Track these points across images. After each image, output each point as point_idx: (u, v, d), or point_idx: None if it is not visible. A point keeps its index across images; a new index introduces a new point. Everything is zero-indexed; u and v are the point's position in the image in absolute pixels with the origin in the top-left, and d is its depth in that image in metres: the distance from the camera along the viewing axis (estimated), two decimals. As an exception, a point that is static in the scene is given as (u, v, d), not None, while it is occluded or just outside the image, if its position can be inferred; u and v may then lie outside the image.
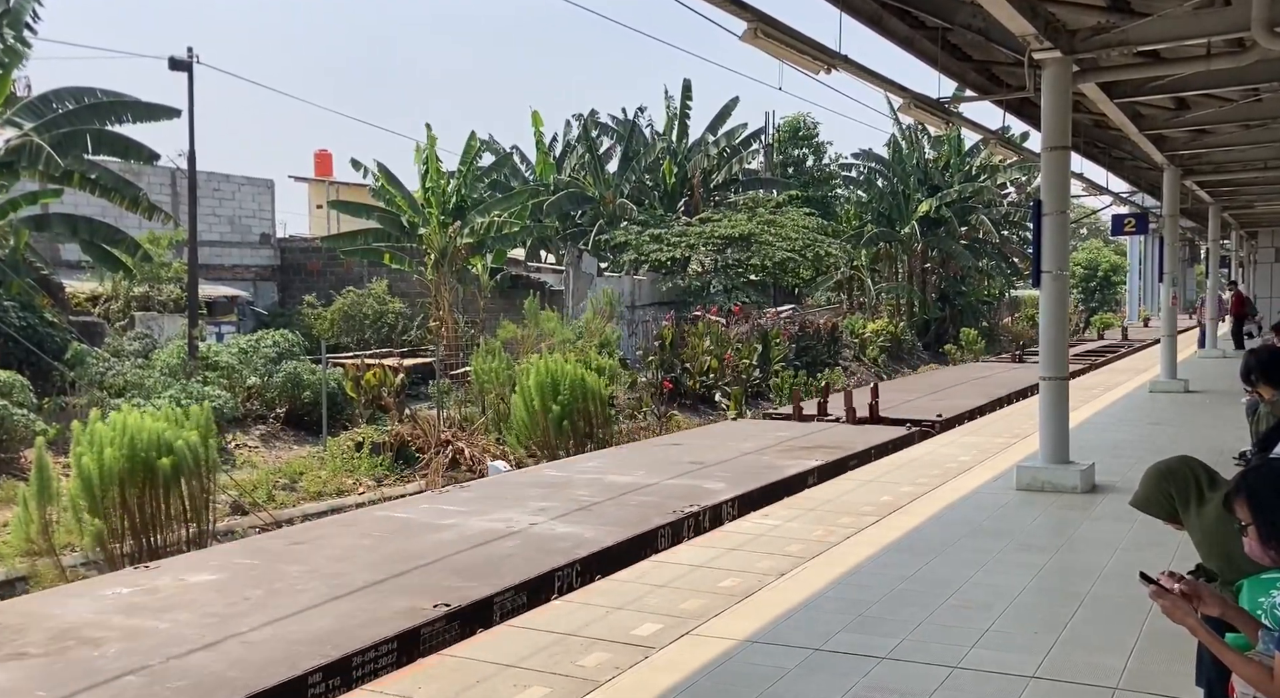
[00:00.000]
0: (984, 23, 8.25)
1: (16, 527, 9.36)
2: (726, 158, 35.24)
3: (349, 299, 25.11)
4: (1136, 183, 20.19)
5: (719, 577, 5.73)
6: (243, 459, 15.80)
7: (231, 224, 28.18)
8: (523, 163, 35.28)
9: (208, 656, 4.89)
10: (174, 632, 5.25)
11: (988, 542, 6.46)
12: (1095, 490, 8.01)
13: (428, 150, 24.13)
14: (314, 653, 4.87)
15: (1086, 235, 59.60)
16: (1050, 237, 8.14)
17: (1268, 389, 5.83)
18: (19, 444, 13.95)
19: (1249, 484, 3.09)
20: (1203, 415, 12.52)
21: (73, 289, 21.21)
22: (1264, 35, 7.27)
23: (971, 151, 36.43)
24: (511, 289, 26.36)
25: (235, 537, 11.25)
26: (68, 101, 18.11)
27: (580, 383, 14.26)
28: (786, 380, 22.43)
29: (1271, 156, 15.30)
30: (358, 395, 17.82)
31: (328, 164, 41.87)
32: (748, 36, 7.01)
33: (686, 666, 4.39)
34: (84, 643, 5.12)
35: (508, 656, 4.54)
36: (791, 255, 29.68)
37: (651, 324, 24.84)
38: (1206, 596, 2.99)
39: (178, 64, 19.97)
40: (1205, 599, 2.97)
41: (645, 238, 29.51)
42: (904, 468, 9.22)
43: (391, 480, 15.32)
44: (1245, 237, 31.45)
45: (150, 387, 16.15)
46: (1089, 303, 50.55)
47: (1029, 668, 4.29)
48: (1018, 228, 37.98)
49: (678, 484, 9.00)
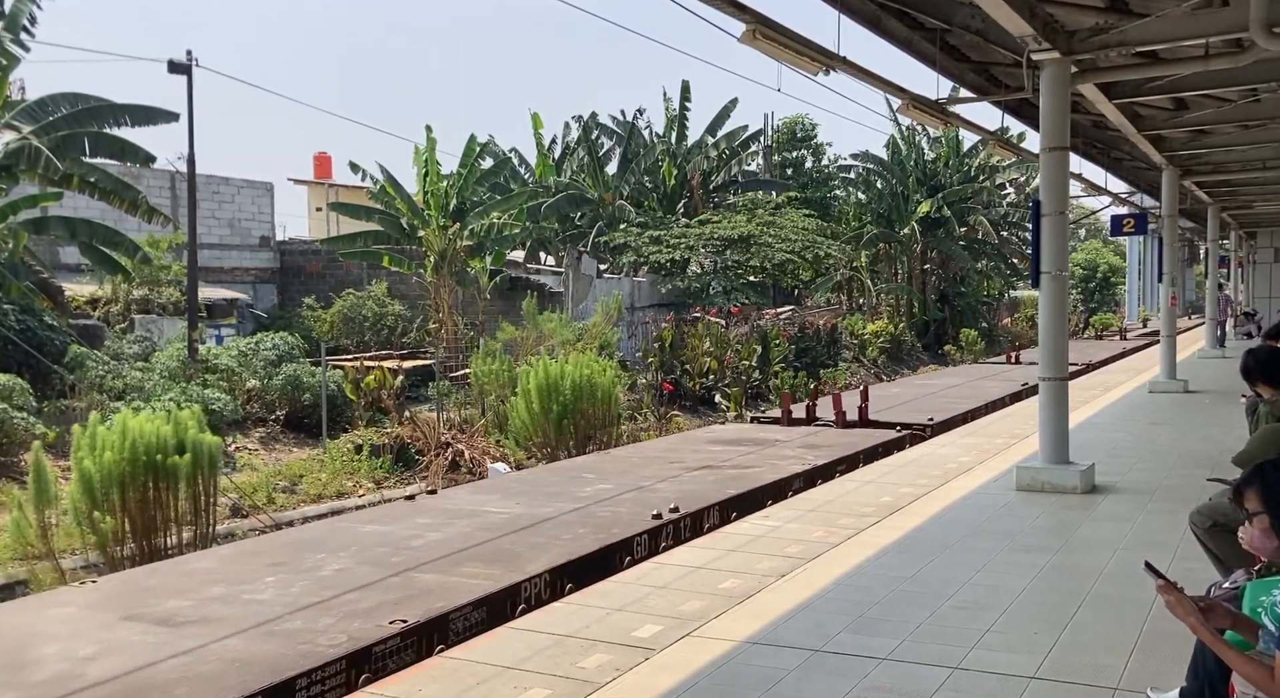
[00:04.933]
0: (982, 24, 8.25)
1: (14, 531, 9.35)
2: (726, 159, 35.25)
3: (349, 301, 25.11)
4: (1135, 183, 20.23)
5: (719, 578, 5.73)
6: (242, 462, 15.80)
7: (231, 227, 28.18)
8: (522, 165, 35.28)
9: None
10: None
11: (988, 542, 6.46)
12: (1095, 491, 8.02)
13: (427, 152, 24.13)
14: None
15: (1085, 236, 59.62)
16: (1049, 237, 8.15)
17: (1267, 388, 5.83)
18: (19, 448, 13.94)
19: (1264, 476, 3.12)
20: (1202, 415, 12.52)
21: (72, 292, 21.20)
22: (1262, 36, 7.28)
23: (970, 152, 36.44)
24: (511, 291, 26.36)
25: (235, 538, 11.24)
26: (64, 106, 18.12)
27: (588, 384, 14.23)
28: (786, 381, 22.43)
29: (1270, 157, 15.32)
30: (357, 398, 17.82)
31: (327, 167, 41.90)
32: (746, 38, 7.02)
33: (687, 667, 4.39)
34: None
35: (508, 657, 4.54)
36: (791, 256, 29.69)
37: (651, 325, 24.84)
38: (1219, 611, 3.01)
39: (177, 67, 19.96)
40: (1218, 614, 3.00)
41: (645, 239, 29.51)
42: (904, 469, 9.22)
43: (391, 483, 15.32)
44: (1244, 237, 31.48)
45: (150, 389, 16.15)
46: (1088, 303, 50.57)
47: (1029, 668, 4.29)
48: (1017, 228, 38.00)
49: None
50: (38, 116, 17.78)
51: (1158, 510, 7.30)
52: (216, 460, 9.65)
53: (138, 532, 9.03)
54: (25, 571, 9.76)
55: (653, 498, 8.20)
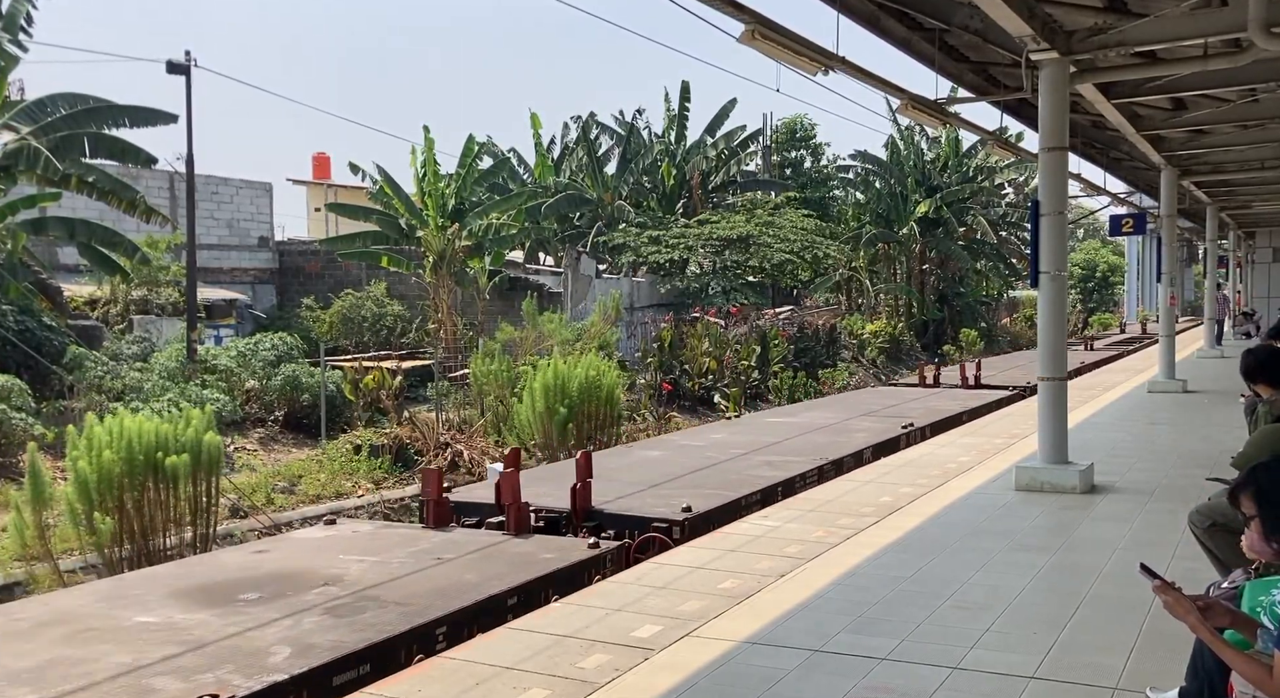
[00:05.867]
0: (981, 24, 8.25)
1: (13, 532, 9.34)
2: (725, 159, 35.26)
3: (348, 302, 25.10)
4: (1134, 183, 20.23)
5: (719, 578, 5.73)
6: (241, 462, 15.80)
7: (230, 227, 28.17)
8: (521, 165, 35.27)
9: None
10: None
11: (987, 542, 6.46)
12: (1094, 491, 8.02)
13: (425, 153, 24.13)
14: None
15: (1084, 236, 59.66)
16: (1048, 237, 8.15)
17: (1266, 388, 5.84)
18: (17, 448, 13.93)
19: (1258, 479, 3.11)
20: (1201, 415, 12.53)
21: (71, 292, 21.19)
22: (1261, 36, 7.28)
23: (969, 152, 36.46)
24: (510, 291, 26.35)
25: (234, 540, 11.24)
26: (62, 106, 18.11)
27: (595, 384, 14.24)
28: (785, 381, 22.43)
29: (1269, 157, 15.33)
30: (356, 398, 17.81)
31: (326, 167, 41.90)
32: (745, 38, 7.01)
33: (687, 667, 4.39)
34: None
35: (507, 658, 4.54)
36: (790, 256, 29.70)
37: (650, 326, 24.85)
38: (1218, 610, 3.01)
39: (175, 67, 19.96)
40: (1216, 612, 2.99)
41: (644, 239, 29.52)
42: (903, 469, 9.22)
43: (390, 483, 15.32)
44: (1243, 237, 31.49)
45: (149, 390, 16.14)
46: (1087, 303, 50.61)
47: (1029, 668, 4.29)
48: (1016, 228, 38.03)
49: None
50: (37, 117, 17.77)
51: (1157, 510, 7.31)
52: (217, 461, 9.64)
53: (135, 533, 9.02)
54: (24, 572, 9.75)
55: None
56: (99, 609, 5.54)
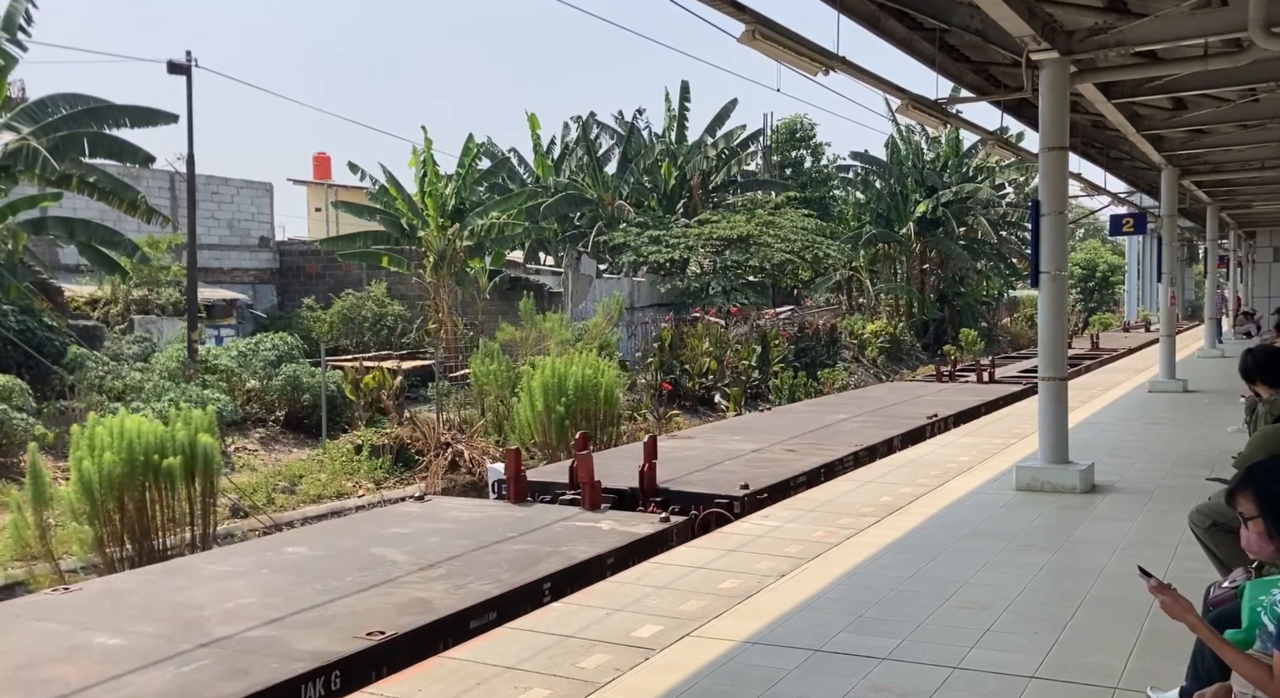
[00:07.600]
0: (981, 24, 8.25)
1: (13, 532, 9.35)
2: (725, 159, 35.27)
3: (348, 302, 25.11)
4: (1134, 183, 20.21)
5: (719, 578, 5.73)
6: (242, 462, 15.80)
7: (230, 227, 28.17)
8: (521, 165, 35.29)
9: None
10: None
11: (987, 542, 6.46)
12: (1094, 491, 8.02)
13: (425, 153, 24.14)
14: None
15: (1084, 236, 59.66)
16: (1048, 237, 8.14)
17: (1266, 388, 5.84)
18: (18, 449, 13.94)
19: (1256, 479, 3.10)
20: (1201, 415, 12.52)
21: (71, 292, 21.20)
22: (1261, 36, 7.28)
23: (969, 152, 36.47)
24: (510, 291, 26.37)
25: (234, 540, 11.23)
26: (63, 107, 18.12)
27: (593, 384, 14.26)
28: (786, 381, 22.43)
29: (1269, 156, 15.32)
30: (357, 398, 17.82)
31: (326, 167, 41.86)
32: (745, 38, 7.01)
33: (687, 667, 4.39)
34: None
35: (508, 658, 4.54)
36: (790, 257, 29.70)
37: (651, 326, 24.85)
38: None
39: (176, 67, 19.97)
40: None
41: (644, 239, 29.53)
42: (903, 469, 9.22)
43: (391, 483, 15.32)
44: (1243, 236, 31.49)
45: (150, 390, 16.15)
46: (1088, 303, 50.60)
47: (1029, 668, 4.29)
48: (1016, 228, 38.04)
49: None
50: (37, 117, 17.78)
51: (1157, 510, 7.31)
52: (214, 462, 9.64)
53: (136, 533, 9.03)
54: (24, 572, 9.76)
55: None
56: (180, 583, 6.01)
